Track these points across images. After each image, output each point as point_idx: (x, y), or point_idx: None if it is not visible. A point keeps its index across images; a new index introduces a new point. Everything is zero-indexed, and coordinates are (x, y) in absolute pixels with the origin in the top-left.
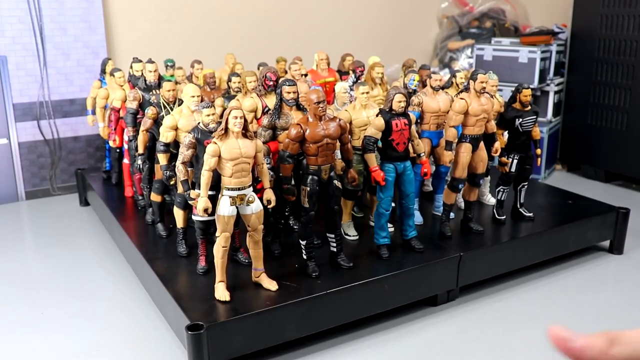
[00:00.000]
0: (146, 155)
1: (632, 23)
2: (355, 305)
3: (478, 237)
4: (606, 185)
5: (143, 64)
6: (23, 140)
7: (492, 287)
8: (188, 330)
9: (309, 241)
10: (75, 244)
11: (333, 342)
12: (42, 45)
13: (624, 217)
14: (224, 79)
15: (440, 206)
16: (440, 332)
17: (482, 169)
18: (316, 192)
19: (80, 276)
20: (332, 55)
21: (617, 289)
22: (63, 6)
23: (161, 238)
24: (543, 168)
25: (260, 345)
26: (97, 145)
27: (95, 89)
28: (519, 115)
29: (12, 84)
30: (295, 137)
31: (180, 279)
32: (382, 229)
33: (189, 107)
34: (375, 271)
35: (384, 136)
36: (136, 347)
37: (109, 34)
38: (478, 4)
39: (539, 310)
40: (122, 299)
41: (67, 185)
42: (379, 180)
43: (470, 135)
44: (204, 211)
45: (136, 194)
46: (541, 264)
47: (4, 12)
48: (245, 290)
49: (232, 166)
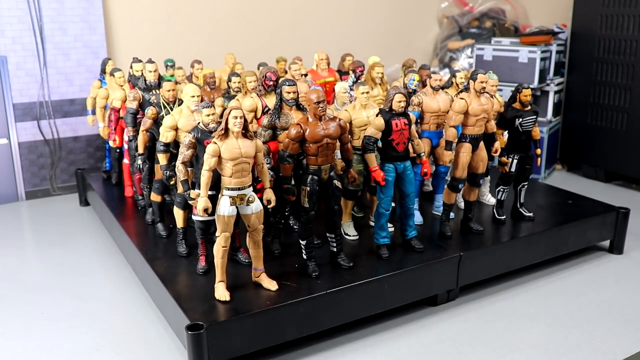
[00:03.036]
0: (146, 155)
1: (632, 23)
2: (355, 305)
3: (478, 237)
4: (606, 185)
5: (143, 64)
6: (23, 140)
7: (492, 287)
8: (188, 330)
9: (309, 241)
10: (75, 244)
11: (333, 342)
12: (42, 45)
13: (624, 217)
14: (224, 79)
15: (440, 206)
16: (440, 332)
17: (482, 169)
18: (316, 192)
19: (80, 276)
20: (332, 55)
21: (617, 289)
22: (63, 6)
23: (161, 238)
24: (543, 168)
25: (260, 345)
26: (97, 145)
27: (95, 89)
28: (518, 115)
29: (12, 84)
30: (295, 137)
31: (180, 279)
32: (382, 229)
33: (189, 107)
34: (375, 271)
35: (384, 136)
36: (136, 347)
37: (109, 34)
38: (478, 4)
39: (539, 310)
40: (122, 299)
41: (67, 185)
42: (379, 180)
43: (470, 135)
44: (204, 211)
45: (136, 194)
46: (541, 264)
47: (4, 12)
48: (245, 290)
49: (232, 166)
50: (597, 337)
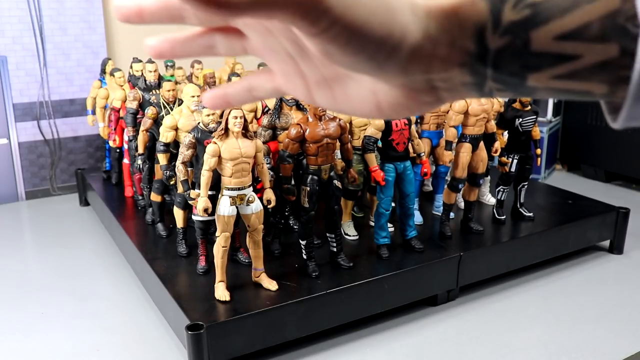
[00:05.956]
0: (146, 155)
1: None
2: (355, 305)
3: (478, 237)
4: (606, 185)
5: (143, 64)
6: (23, 140)
7: (492, 287)
8: (188, 330)
9: (309, 241)
10: (75, 244)
11: (333, 342)
12: (42, 45)
13: (624, 217)
14: (224, 79)
15: (440, 206)
16: (440, 332)
17: (482, 169)
18: (316, 192)
19: (80, 276)
20: None
21: (617, 289)
22: (63, 6)
23: (161, 238)
24: (543, 168)
25: (260, 345)
26: (97, 145)
27: (95, 89)
28: (518, 115)
29: (12, 84)
30: (295, 137)
31: (180, 279)
32: (382, 229)
33: (189, 107)
34: (375, 271)
35: (383, 136)
36: (136, 347)
37: (109, 34)
38: None
39: (539, 310)
40: (122, 298)
41: (67, 185)
42: (379, 180)
43: (470, 135)
44: (204, 211)
45: (136, 194)
46: (541, 264)
47: (4, 12)
48: (245, 290)
49: (232, 166)
50: (597, 337)
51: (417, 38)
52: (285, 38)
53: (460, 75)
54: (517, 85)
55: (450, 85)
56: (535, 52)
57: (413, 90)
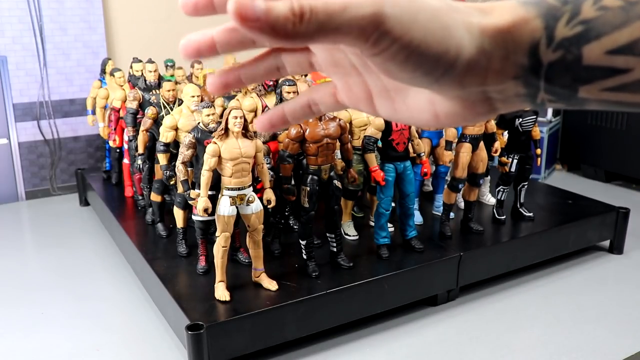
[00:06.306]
0: (146, 155)
1: None
2: (355, 305)
3: (478, 237)
4: (606, 185)
5: (143, 64)
6: (23, 140)
7: (492, 287)
8: (188, 330)
9: (309, 241)
10: (75, 244)
11: (333, 342)
12: (42, 45)
13: (624, 217)
14: None
15: (440, 206)
16: (440, 332)
17: (482, 169)
18: (316, 192)
19: (80, 276)
20: None
21: (617, 289)
22: (63, 6)
23: (161, 238)
24: (543, 168)
25: (260, 345)
26: (97, 145)
27: (95, 89)
28: (518, 115)
29: (12, 84)
30: (295, 137)
31: (180, 279)
32: (382, 229)
33: (189, 107)
34: (375, 271)
35: (383, 136)
36: (136, 347)
37: (109, 34)
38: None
39: (539, 310)
40: (122, 298)
41: (67, 185)
42: (379, 180)
43: (470, 135)
44: (204, 211)
45: (136, 194)
46: (541, 264)
47: (4, 12)
48: (245, 290)
49: (232, 166)
50: (597, 337)
51: (471, 53)
52: (351, 52)
53: (514, 87)
54: (568, 96)
55: (505, 97)
56: (587, 66)
57: (469, 101)
